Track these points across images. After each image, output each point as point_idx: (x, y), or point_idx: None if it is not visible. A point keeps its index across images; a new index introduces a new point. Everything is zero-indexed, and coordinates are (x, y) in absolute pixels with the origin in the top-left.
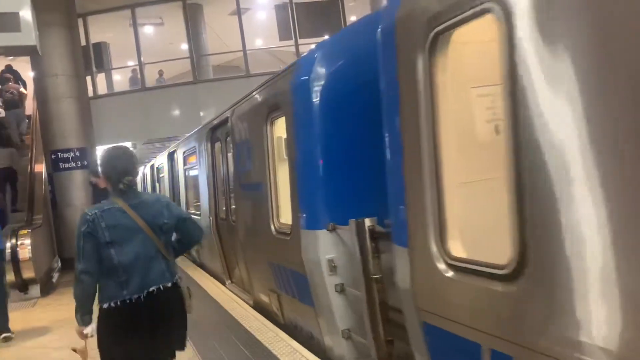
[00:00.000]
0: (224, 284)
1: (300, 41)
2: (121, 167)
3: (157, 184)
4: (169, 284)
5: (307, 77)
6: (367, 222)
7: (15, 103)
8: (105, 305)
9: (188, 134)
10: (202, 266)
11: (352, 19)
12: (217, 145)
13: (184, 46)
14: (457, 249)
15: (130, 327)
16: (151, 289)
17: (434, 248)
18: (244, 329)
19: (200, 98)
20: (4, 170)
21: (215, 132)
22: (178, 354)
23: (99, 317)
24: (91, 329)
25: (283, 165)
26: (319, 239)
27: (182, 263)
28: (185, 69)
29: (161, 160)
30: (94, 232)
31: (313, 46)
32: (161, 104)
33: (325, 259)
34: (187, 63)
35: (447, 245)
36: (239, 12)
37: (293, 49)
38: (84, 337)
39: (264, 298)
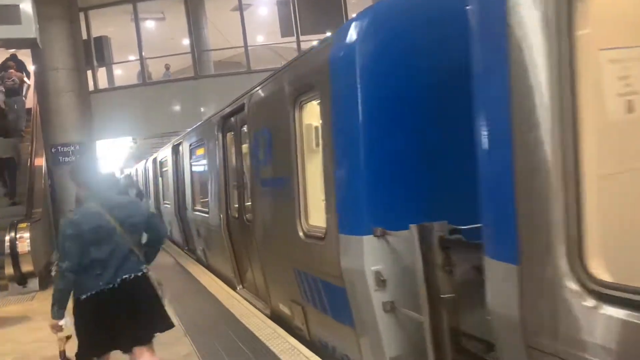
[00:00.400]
0: (234, 288)
1: (301, 37)
2: (96, 177)
3: (159, 179)
4: (140, 274)
5: (352, 48)
6: (436, 227)
7: (15, 91)
8: (83, 297)
9: (196, 125)
10: (208, 267)
11: (354, 15)
12: (230, 135)
13: (185, 41)
14: (601, 269)
15: (107, 312)
16: (124, 277)
17: (564, 266)
18: (242, 325)
19: (201, 93)
20: (6, 160)
21: (227, 121)
22: (175, 348)
23: (76, 308)
24: (64, 321)
25: (314, 157)
26: (363, 246)
27: (183, 260)
28: (186, 65)
29: (164, 153)
30: (78, 234)
31: (315, 43)
32: (162, 99)
33: (372, 271)
34: (188, 58)
35: (586, 263)
36: (240, 8)
37: (295, 45)
38: (59, 329)
39: (284, 309)
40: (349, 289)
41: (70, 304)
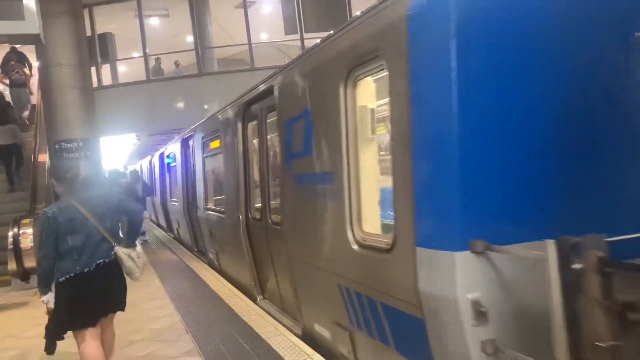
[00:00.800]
0: (251, 298)
1: (305, 35)
2: (70, 175)
3: (166, 175)
4: (111, 259)
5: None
6: (589, 242)
7: (22, 83)
8: (62, 279)
9: (210, 115)
10: (221, 272)
11: (358, 14)
12: (252, 125)
13: (189, 38)
14: None
15: (83, 292)
16: (99, 262)
17: None
18: (244, 322)
19: (205, 91)
20: (8, 146)
21: (250, 109)
22: (177, 345)
23: (56, 289)
24: (47, 297)
25: (369, 148)
26: (456, 266)
27: (186, 257)
28: (190, 62)
29: (172, 148)
30: (54, 225)
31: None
32: (165, 96)
33: (468, 299)
34: (191, 55)
35: None
36: (245, 5)
37: (298, 43)
38: (45, 303)
39: (323, 331)
40: (430, 320)
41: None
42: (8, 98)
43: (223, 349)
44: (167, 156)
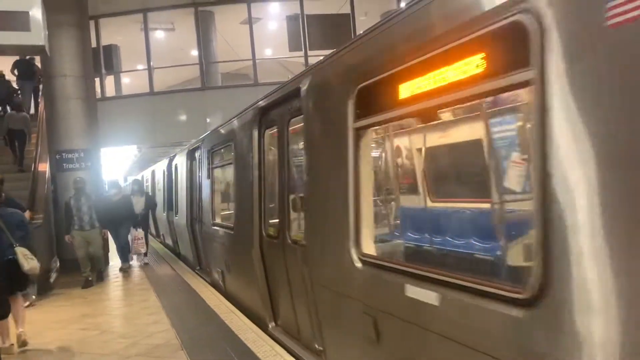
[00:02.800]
0: (261, 325)
1: (309, 52)
2: None
3: (170, 188)
4: (13, 257)
5: None
6: None
7: (29, 76)
8: None
9: (221, 124)
10: (226, 295)
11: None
12: (269, 133)
13: (194, 52)
14: None
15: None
16: (9, 257)
17: None
18: (240, 340)
19: (208, 105)
20: (18, 131)
21: (268, 115)
22: None
23: None
24: None
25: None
26: None
27: (183, 271)
28: (193, 75)
29: (178, 160)
30: None
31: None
32: (168, 109)
33: None
34: (195, 69)
35: None
36: (250, 21)
37: (302, 60)
38: None
39: None
40: None
41: None
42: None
43: None
44: (171, 169)
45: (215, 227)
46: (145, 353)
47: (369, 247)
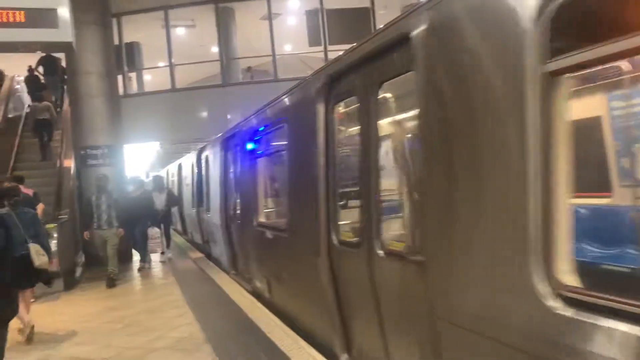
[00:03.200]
0: (327, 354)
1: (329, 47)
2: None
3: (203, 181)
4: (26, 252)
5: None
6: None
7: (52, 70)
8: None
9: (268, 104)
10: (271, 305)
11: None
12: (340, 108)
13: (215, 49)
14: None
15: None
16: (22, 252)
17: None
18: (264, 334)
19: (228, 101)
20: (43, 120)
21: (339, 84)
22: (195, 355)
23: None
24: None
25: None
26: None
27: (205, 265)
28: (214, 72)
29: (211, 150)
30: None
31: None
32: (190, 105)
33: None
34: (216, 66)
35: None
36: (270, 17)
37: (322, 55)
38: None
39: None
40: None
41: None
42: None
43: None
44: (200, 161)
45: (261, 228)
46: (171, 346)
47: (570, 274)
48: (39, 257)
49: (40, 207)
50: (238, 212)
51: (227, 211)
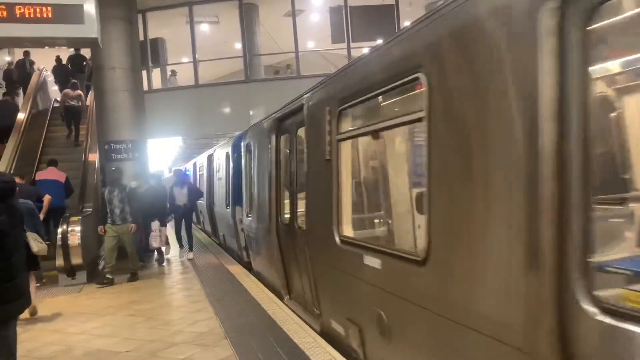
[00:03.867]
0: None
1: (352, 44)
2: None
3: (243, 175)
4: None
5: None
6: None
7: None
8: None
9: (378, 46)
10: (334, 342)
11: (407, 23)
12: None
13: (238, 45)
14: None
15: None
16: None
17: None
18: (283, 331)
19: (251, 97)
20: (72, 107)
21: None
22: (214, 350)
23: None
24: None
25: None
26: None
27: (225, 259)
28: (237, 68)
29: (255, 136)
30: None
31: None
32: (213, 101)
33: None
34: (238, 62)
35: None
36: (293, 14)
37: (345, 52)
38: None
39: None
40: None
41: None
42: None
43: (261, 357)
44: (240, 150)
45: (353, 248)
46: (191, 341)
47: None
48: (36, 243)
49: (46, 199)
50: (303, 219)
51: (280, 217)
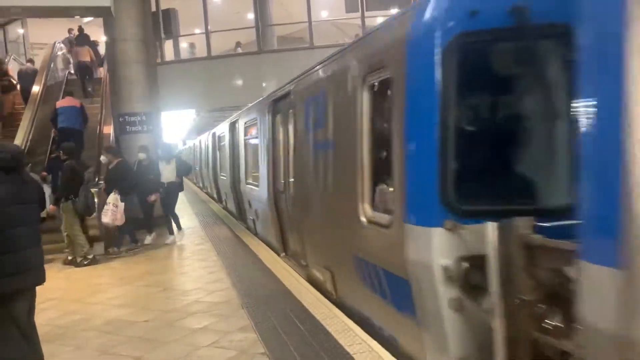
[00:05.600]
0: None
1: (366, 14)
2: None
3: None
4: None
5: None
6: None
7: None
8: None
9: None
10: None
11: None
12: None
13: (250, 16)
14: None
15: None
16: None
17: None
18: (298, 302)
19: (264, 69)
20: (84, 63)
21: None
22: (231, 320)
23: None
24: None
25: None
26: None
27: (239, 230)
28: (250, 39)
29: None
30: None
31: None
32: (225, 73)
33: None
34: (251, 33)
35: None
36: None
37: (359, 21)
38: None
39: None
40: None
41: None
42: None
43: (278, 327)
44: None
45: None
46: (208, 310)
47: None
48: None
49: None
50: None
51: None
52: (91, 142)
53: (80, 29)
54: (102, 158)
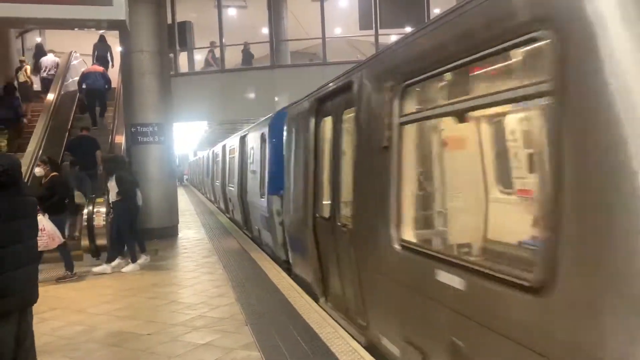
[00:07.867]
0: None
1: (380, 31)
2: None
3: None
4: None
5: None
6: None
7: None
8: None
9: None
10: None
11: (436, 11)
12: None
13: (265, 30)
14: None
15: None
16: None
17: None
18: (303, 320)
19: (277, 83)
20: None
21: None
22: (235, 336)
23: None
24: None
25: None
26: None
27: (247, 245)
28: (264, 53)
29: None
30: None
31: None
32: (238, 86)
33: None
34: (265, 47)
35: None
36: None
37: (372, 39)
38: None
39: None
40: None
41: None
42: None
43: (282, 346)
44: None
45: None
46: (212, 325)
47: None
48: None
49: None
50: None
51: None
52: (104, 151)
53: (102, 38)
54: (37, 170)
